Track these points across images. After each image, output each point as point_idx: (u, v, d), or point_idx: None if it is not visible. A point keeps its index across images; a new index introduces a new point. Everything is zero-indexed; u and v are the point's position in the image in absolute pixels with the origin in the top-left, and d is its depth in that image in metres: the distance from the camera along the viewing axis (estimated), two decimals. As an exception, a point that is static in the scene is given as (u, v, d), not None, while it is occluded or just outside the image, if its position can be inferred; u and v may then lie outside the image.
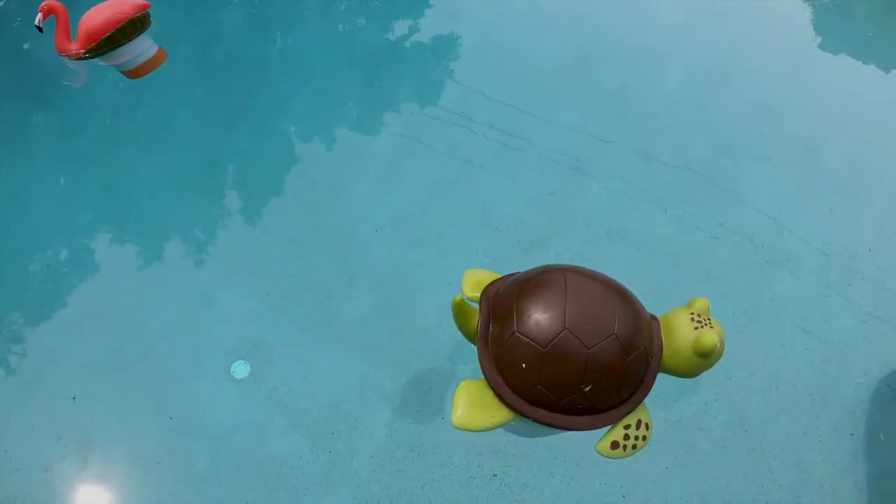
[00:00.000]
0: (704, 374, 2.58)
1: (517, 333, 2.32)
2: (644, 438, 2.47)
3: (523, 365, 2.32)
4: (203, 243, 3.65)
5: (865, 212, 3.83)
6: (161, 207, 3.79)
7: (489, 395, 2.43)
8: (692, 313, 2.44)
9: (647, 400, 2.52)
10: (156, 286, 3.51)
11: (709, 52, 4.72)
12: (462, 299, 2.52)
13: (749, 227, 3.74)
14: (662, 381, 2.59)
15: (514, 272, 2.71)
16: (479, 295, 2.62)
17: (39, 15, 3.18)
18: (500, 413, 2.40)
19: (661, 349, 2.44)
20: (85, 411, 3.15)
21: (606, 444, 2.45)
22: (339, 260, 3.56)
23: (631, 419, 2.46)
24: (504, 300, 2.47)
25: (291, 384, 3.21)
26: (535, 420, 2.37)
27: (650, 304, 2.66)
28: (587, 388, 2.24)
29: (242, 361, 3.26)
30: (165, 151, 4.04)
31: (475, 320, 2.57)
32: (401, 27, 4.83)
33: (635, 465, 3.03)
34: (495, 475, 3.01)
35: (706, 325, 2.39)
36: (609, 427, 2.49)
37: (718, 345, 2.33)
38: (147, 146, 4.07)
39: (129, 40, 3.12)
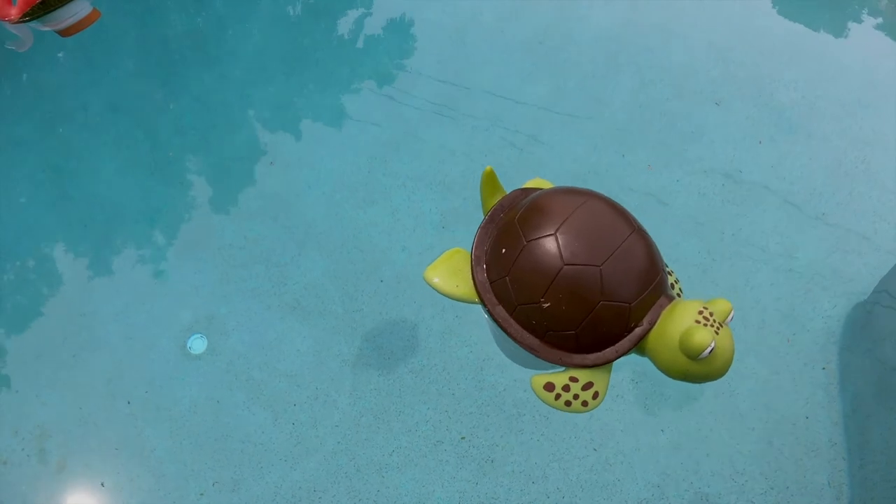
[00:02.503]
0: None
1: (515, 221, 2.11)
2: (585, 404, 2.11)
3: (503, 250, 2.11)
4: (149, 221, 3.53)
5: (821, 147, 3.75)
6: (104, 188, 3.65)
7: (467, 269, 2.23)
8: (704, 308, 2.02)
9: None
10: (103, 269, 3.40)
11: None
12: (492, 170, 2.33)
13: (708, 167, 3.65)
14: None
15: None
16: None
17: None
18: (466, 288, 2.20)
19: (651, 325, 2.07)
20: (38, 403, 3.06)
21: (542, 381, 2.11)
22: (287, 228, 3.45)
23: (581, 375, 2.10)
24: (525, 194, 2.32)
25: (248, 356, 3.13)
26: (490, 316, 2.19)
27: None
28: (546, 305, 2.05)
29: (199, 335, 3.17)
30: (105, 129, 3.89)
31: (497, 198, 2.38)
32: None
33: (605, 416, 2.98)
34: (463, 437, 2.96)
35: (712, 326, 1.97)
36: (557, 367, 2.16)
37: (709, 349, 1.90)
38: (85, 124, 3.91)
39: (64, 4, 3.05)
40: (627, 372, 3.04)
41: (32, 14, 3.07)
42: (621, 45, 4.14)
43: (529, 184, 2.43)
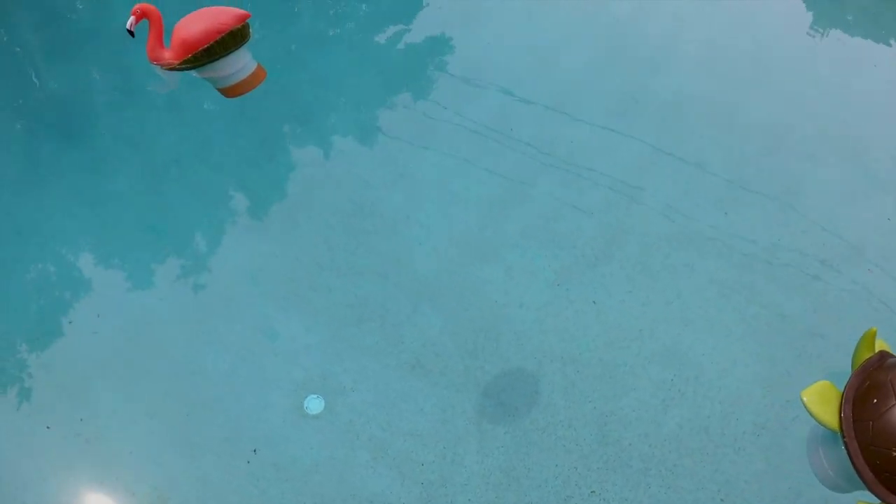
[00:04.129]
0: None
1: (888, 382, 2.40)
2: None
3: (874, 400, 2.41)
4: (252, 279, 3.52)
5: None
6: (203, 245, 3.64)
7: (835, 401, 2.53)
8: None
9: None
10: (209, 327, 3.37)
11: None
12: (875, 333, 2.57)
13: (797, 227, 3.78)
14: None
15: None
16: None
17: (132, 18, 2.96)
18: (831, 417, 2.49)
19: None
20: (154, 463, 2.99)
21: None
22: (399, 286, 3.47)
23: None
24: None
25: (368, 415, 3.11)
26: (845, 447, 2.40)
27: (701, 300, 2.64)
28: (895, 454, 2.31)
29: (315, 396, 3.14)
30: (199, 185, 3.90)
31: (869, 352, 2.61)
32: (430, 45, 4.77)
33: (729, 468, 3.01)
34: (593, 492, 2.96)
35: None
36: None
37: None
38: (179, 179, 3.92)
39: (228, 53, 2.94)
40: (749, 425, 3.09)
41: (195, 61, 2.98)
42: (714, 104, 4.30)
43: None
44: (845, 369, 3.06)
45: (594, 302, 3.40)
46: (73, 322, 3.42)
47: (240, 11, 3.01)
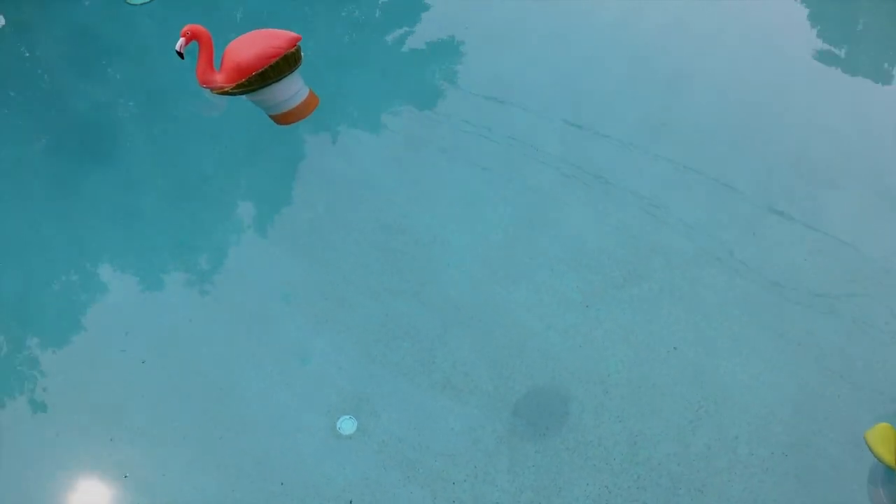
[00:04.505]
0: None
1: None
2: None
3: None
4: (284, 298, 3.56)
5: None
6: (235, 263, 3.69)
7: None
8: None
9: None
10: (242, 347, 3.41)
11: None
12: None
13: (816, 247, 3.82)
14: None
15: None
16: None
17: (182, 40, 2.92)
18: (891, 457, 2.77)
19: None
20: (188, 486, 3.03)
21: None
22: (429, 306, 3.51)
23: None
24: None
25: (400, 436, 3.14)
26: None
27: (728, 320, 2.68)
28: None
29: (348, 417, 3.18)
30: (229, 203, 3.95)
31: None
32: (457, 65, 4.82)
33: (758, 487, 3.04)
34: (625, 511, 2.99)
35: None
36: None
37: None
38: (208, 197, 3.97)
39: (282, 78, 2.92)
40: (778, 445, 3.12)
41: (248, 85, 2.93)
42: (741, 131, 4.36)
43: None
44: (883, 394, 3.13)
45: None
46: (100, 340, 3.45)
47: (291, 34, 3.00)
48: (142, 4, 5.18)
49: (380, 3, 5.33)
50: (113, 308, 3.58)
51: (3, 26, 5.15)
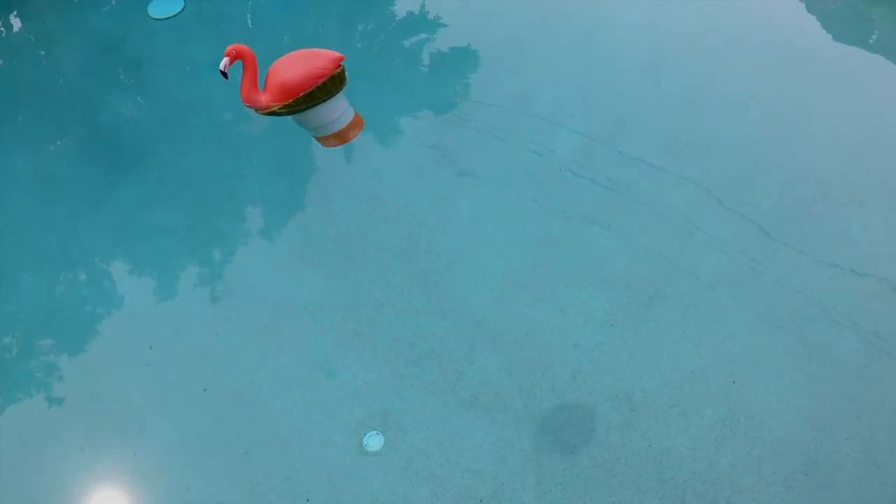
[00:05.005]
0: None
1: None
2: None
3: None
4: (311, 315, 3.59)
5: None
6: (260, 280, 3.72)
7: None
8: None
9: None
10: (268, 363, 3.43)
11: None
12: None
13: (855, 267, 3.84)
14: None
15: None
16: None
17: (226, 59, 2.89)
18: None
19: None
20: (215, 501, 3.05)
21: None
22: (456, 325, 3.54)
23: None
24: None
25: (428, 452, 3.16)
26: None
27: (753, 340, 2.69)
28: None
29: (375, 432, 3.20)
30: (254, 220, 3.98)
31: None
32: (481, 85, 4.85)
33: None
34: (651, 530, 3.01)
35: None
36: None
37: None
38: (236, 215, 4.00)
39: (329, 99, 2.92)
40: (799, 465, 3.14)
41: (295, 106, 2.91)
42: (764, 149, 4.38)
43: None
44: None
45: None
46: (125, 353, 3.48)
47: (335, 54, 2.99)
48: (166, 18, 5.23)
49: (401, 18, 5.37)
50: (138, 322, 3.61)
51: (28, 37, 5.19)
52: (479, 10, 5.38)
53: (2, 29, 5.31)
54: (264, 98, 2.98)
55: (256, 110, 2.97)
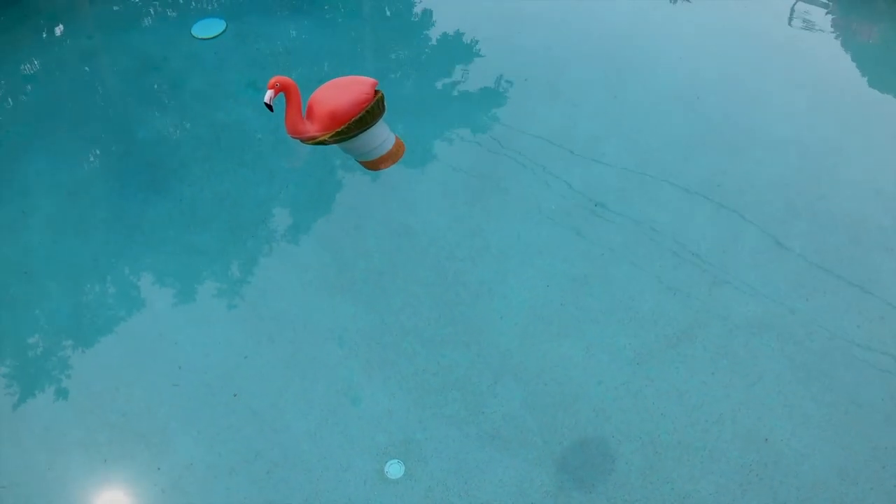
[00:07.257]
0: None
1: None
2: None
3: None
4: (338, 340, 3.61)
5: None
6: (290, 305, 3.75)
7: None
8: None
9: None
10: (293, 386, 3.46)
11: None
12: None
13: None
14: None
15: None
16: None
17: (270, 92, 2.90)
18: None
19: None
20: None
21: None
22: (481, 357, 3.54)
23: None
24: None
25: (447, 483, 3.16)
26: None
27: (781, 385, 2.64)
28: None
29: (397, 461, 3.20)
30: (287, 246, 4.03)
31: None
32: (515, 120, 4.88)
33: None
34: (670, 574, 2.98)
35: None
36: None
37: None
38: (268, 239, 4.05)
39: (375, 123, 2.94)
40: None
41: (347, 132, 2.90)
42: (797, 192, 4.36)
43: None
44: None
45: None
46: (154, 371, 3.52)
47: (370, 79, 3.00)
48: (209, 39, 5.32)
49: (434, 51, 5.42)
50: (167, 341, 3.65)
51: (74, 53, 5.31)
52: (517, 46, 5.41)
53: (48, 43, 5.44)
54: (312, 128, 2.97)
55: (303, 140, 2.96)
